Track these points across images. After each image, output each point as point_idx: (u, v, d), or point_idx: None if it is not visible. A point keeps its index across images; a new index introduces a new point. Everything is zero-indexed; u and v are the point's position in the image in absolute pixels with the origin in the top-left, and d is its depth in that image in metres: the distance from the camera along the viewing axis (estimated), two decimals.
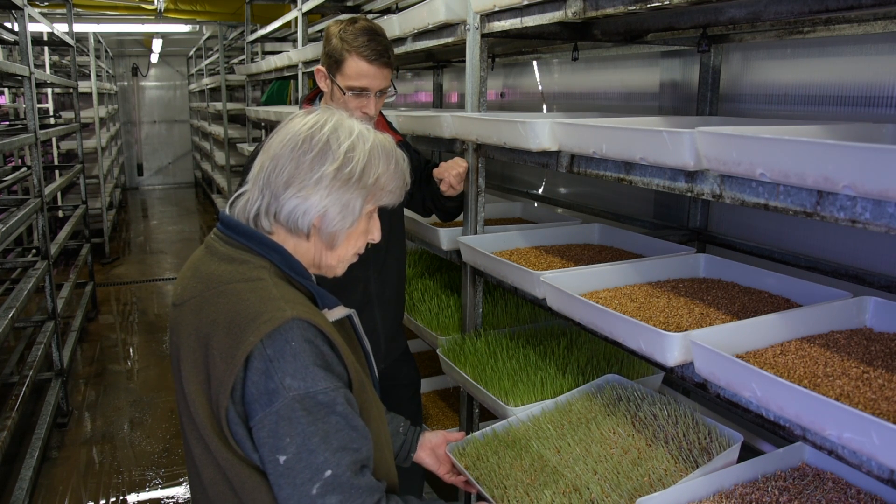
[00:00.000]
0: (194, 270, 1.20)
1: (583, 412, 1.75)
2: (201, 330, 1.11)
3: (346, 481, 1.06)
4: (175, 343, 1.17)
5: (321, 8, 4.04)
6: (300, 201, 1.14)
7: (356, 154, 1.15)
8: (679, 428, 1.60)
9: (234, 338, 1.06)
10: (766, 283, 1.73)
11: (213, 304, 1.11)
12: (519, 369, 1.97)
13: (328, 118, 1.18)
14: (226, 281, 1.13)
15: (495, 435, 1.68)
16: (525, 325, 2.36)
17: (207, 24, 9.11)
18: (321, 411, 1.05)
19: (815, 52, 1.99)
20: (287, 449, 1.04)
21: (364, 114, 1.93)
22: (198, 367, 1.10)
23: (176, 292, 1.21)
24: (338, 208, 1.16)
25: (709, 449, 1.56)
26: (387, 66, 1.91)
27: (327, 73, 1.94)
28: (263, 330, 1.05)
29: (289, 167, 1.14)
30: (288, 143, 1.15)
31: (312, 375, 1.06)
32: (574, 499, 1.42)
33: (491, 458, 1.59)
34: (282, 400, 1.04)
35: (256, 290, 1.11)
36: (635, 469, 1.50)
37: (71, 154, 8.30)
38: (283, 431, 1.04)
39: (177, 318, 1.18)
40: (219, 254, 1.18)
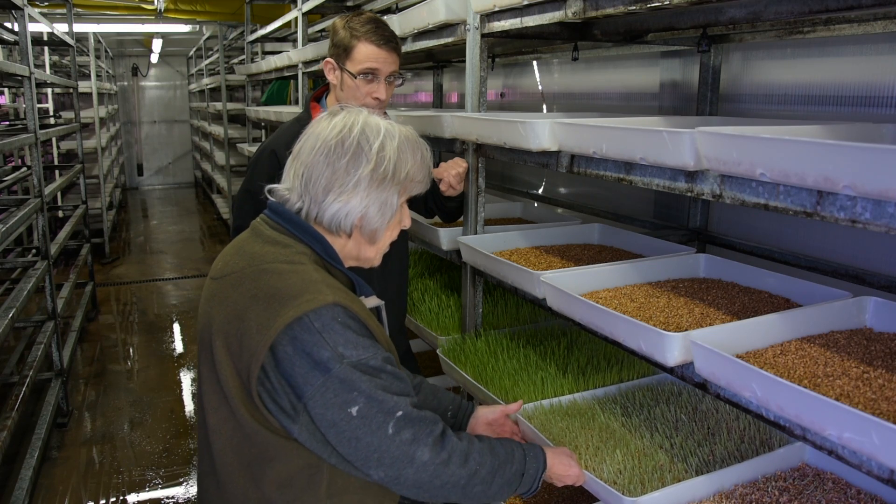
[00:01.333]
0: (238, 249, 1.26)
1: (645, 399, 1.85)
2: (239, 303, 1.16)
3: (415, 416, 1.15)
4: (207, 313, 1.22)
5: (321, 8, 4.04)
6: (341, 205, 1.20)
7: (387, 152, 1.21)
8: (741, 421, 1.71)
9: (272, 311, 1.12)
10: (766, 283, 1.73)
11: (253, 280, 1.17)
12: (519, 369, 1.97)
13: (354, 119, 1.23)
14: (269, 260, 1.19)
15: (560, 406, 1.79)
16: (525, 326, 2.36)
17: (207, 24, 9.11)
18: (375, 371, 1.14)
19: (815, 52, 1.99)
20: (357, 401, 1.11)
21: (375, 99, 1.96)
22: (230, 338, 1.15)
23: (216, 267, 1.27)
24: (377, 206, 1.23)
25: (769, 443, 1.64)
26: (395, 52, 1.96)
27: (336, 63, 1.98)
28: (304, 308, 1.11)
29: (326, 173, 1.19)
30: (320, 149, 1.20)
31: (363, 345, 1.14)
32: (644, 461, 1.53)
33: (560, 422, 1.70)
34: (339, 366, 1.11)
35: (298, 273, 1.17)
36: (700, 448, 1.59)
37: (71, 154, 8.29)
38: (349, 389, 1.11)
39: (214, 290, 1.23)
40: (264, 236, 1.24)
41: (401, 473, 1.14)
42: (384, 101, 1.99)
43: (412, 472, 1.14)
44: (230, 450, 1.18)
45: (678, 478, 1.50)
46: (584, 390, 1.91)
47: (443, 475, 1.16)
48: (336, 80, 2.00)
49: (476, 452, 1.22)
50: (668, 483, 1.47)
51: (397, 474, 1.14)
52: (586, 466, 1.55)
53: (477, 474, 1.20)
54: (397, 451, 1.13)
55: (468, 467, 1.19)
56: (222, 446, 1.19)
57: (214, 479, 1.23)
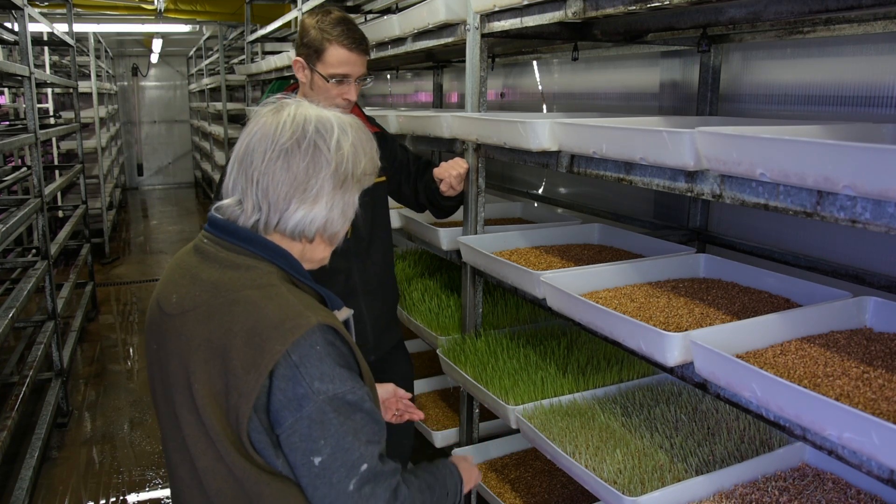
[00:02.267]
0: (192, 277, 1.15)
1: (645, 399, 1.86)
2: (213, 340, 1.07)
3: (378, 471, 1.09)
4: (177, 354, 1.12)
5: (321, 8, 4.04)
6: (305, 212, 1.12)
7: (344, 150, 1.13)
8: (741, 421, 1.71)
9: (256, 347, 1.04)
10: (766, 283, 1.73)
11: (225, 313, 1.08)
12: (519, 369, 1.97)
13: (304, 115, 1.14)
14: (236, 289, 1.10)
15: (560, 406, 1.81)
16: (525, 326, 2.36)
17: (207, 24, 9.11)
18: (349, 410, 1.07)
19: (815, 52, 1.99)
20: (322, 450, 1.05)
21: (345, 100, 1.97)
22: (213, 378, 1.07)
23: (169, 301, 1.15)
24: (340, 210, 1.16)
25: (768, 443, 1.64)
26: (365, 54, 1.98)
27: (306, 63, 1.96)
28: (290, 339, 1.04)
29: (285, 179, 1.10)
30: (275, 153, 1.11)
31: (339, 376, 1.07)
32: (644, 461, 1.54)
33: (560, 422, 1.72)
34: (312, 404, 1.04)
35: (273, 298, 1.08)
36: (700, 448, 1.59)
37: (71, 154, 8.29)
38: (317, 434, 1.05)
39: (175, 328, 1.12)
40: (218, 259, 1.14)
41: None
42: (353, 100, 2.01)
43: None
44: (229, 490, 1.10)
45: (678, 478, 1.50)
46: (585, 390, 1.91)
47: None
48: (305, 79, 1.99)
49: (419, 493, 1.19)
50: (668, 483, 1.47)
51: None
52: (586, 466, 1.55)
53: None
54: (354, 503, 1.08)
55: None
56: (220, 486, 1.11)
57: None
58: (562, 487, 2.04)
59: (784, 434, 1.60)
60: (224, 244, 1.15)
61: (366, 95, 6.13)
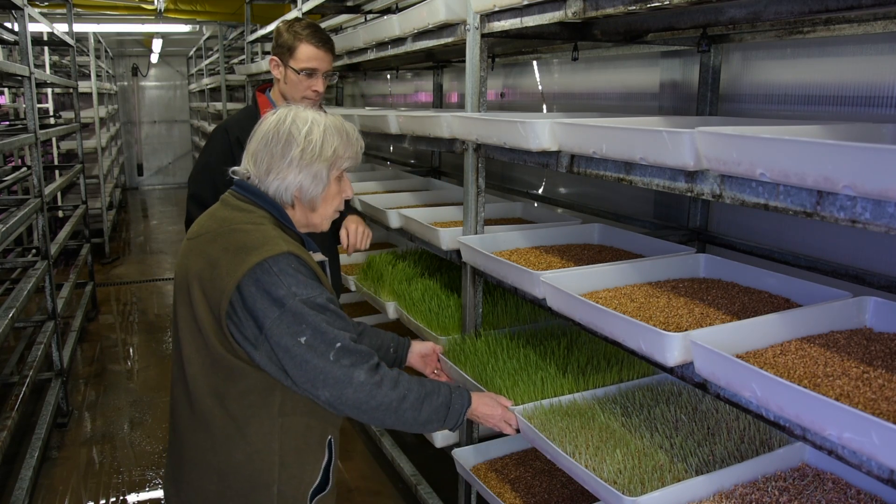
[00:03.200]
0: (211, 215, 1.53)
1: (645, 399, 1.87)
2: (212, 254, 1.42)
3: (352, 348, 1.39)
4: (184, 265, 1.47)
5: (321, 8, 4.04)
6: (280, 181, 1.46)
7: (314, 136, 1.45)
8: (741, 421, 1.71)
9: (238, 259, 1.38)
10: (766, 283, 1.73)
11: (224, 237, 1.43)
12: (519, 369, 1.97)
13: (287, 113, 1.48)
14: (237, 222, 1.45)
15: (560, 406, 1.82)
16: (525, 325, 2.36)
17: (207, 24, 9.10)
18: (320, 308, 1.39)
19: (815, 52, 1.99)
20: (305, 332, 1.35)
21: (314, 91, 2.29)
22: (205, 281, 1.40)
23: (193, 230, 1.53)
24: (309, 180, 1.47)
25: (768, 443, 1.64)
26: (331, 52, 2.30)
27: (280, 60, 2.29)
28: (264, 254, 1.37)
29: (266, 157, 1.46)
30: (261, 141, 1.47)
31: (311, 286, 1.39)
32: (644, 461, 1.55)
33: (560, 422, 1.73)
34: (292, 301, 1.35)
35: (260, 230, 1.43)
36: (700, 448, 1.59)
37: (71, 154, 8.29)
38: (299, 320, 1.35)
39: (191, 247, 1.48)
40: (231, 204, 1.50)
41: (342, 393, 1.37)
42: (321, 93, 2.31)
43: (351, 391, 1.37)
44: (201, 375, 1.42)
45: (678, 478, 1.50)
46: (584, 390, 1.91)
47: (377, 395, 1.39)
48: (280, 75, 2.31)
49: (405, 381, 1.46)
50: (668, 483, 1.47)
51: (339, 394, 1.37)
52: (586, 466, 1.55)
53: (406, 399, 1.44)
54: (339, 373, 1.36)
55: (398, 391, 1.42)
56: (194, 372, 1.43)
57: (187, 402, 1.46)
58: (562, 487, 2.04)
59: (784, 434, 1.60)
60: (238, 195, 1.51)
61: (366, 95, 6.13)
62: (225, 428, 1.42)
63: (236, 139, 2.24)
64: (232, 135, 2.28)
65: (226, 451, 1.43)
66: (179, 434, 1.51)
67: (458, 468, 2.16)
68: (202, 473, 1.46)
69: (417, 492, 2.78)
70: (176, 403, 1.52)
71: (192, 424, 1.46)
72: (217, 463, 1.44)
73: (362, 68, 4.35)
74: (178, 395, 1.50)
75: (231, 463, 1.43)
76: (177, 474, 1.52)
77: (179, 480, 1.51)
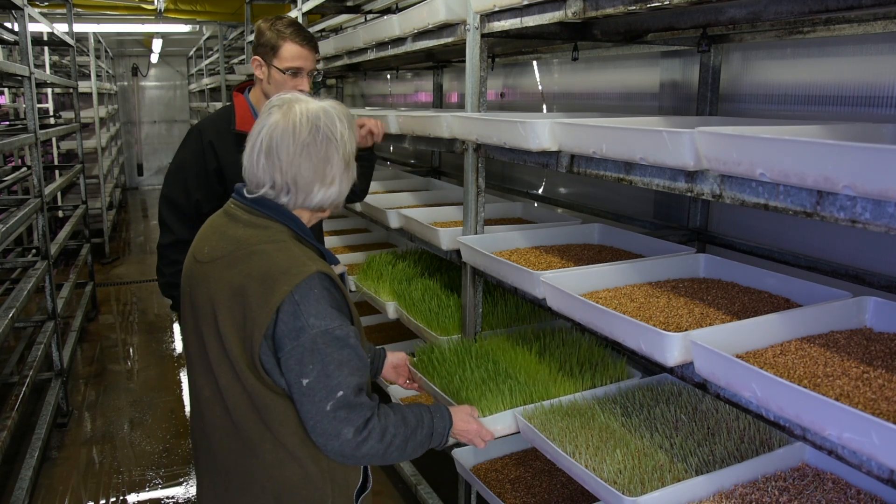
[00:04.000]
0: (220, 234, 1.43)
1: (645, 399, 1.86)
2: (235, 282, 1.34)
3: (353, 401, 1.33)
4: (206, 293, 1.39)
5: (321, 8, 4.04)
6: (325, 192, 1.39)
7: (345, 136, 1.39)
8: (741, 421, 1.71)
9: (268, 288, 1.31)
10: (766, 283, 1.73)
11: (245, 262, 1.35)
12: (487, 378, 1.92)
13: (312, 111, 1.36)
14: (255, 242, 1.37)
15: (561, 406, 1.81)
16: (510, 328, 2.35)
17: (207, 24, 9.09)
18: (337, 343, 1.32)
19: (815, 52, 1.99)
20: (310, 374, 1.30)
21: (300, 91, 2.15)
22: (234, 311, 1.33)
23: (202, 251, 1.43)
24: (347, 184, 1.42)
25: (768, 443, 1.64)
26: (315, 50, 2.25)
27: (263, 60, 2.21)
28: (294, 281, 1.30)
29: (307, 166, 1.35)
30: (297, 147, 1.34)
31: (330, 315, 1.33)
32: (644, 461, 1.54)
33: (560, 422, 1.72)
34: (307, 335, 1.30)
35: (283, 251, 1.35)
36: (700, 448, 1.59)
37: (71, 154, 8.29)
38: (308, 360, 1.30)
39: (205, 272, 1.40)
40: (241, 220, 1.41)
41: (328, 443, 1.34)
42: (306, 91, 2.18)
43: (337, 444, 1.34)
44: (243, 404, 1.37)
45: (678, 478, 1.50)
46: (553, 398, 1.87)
47: (363, 448, 1.35)
48: (263, 75, 2.23)
49: (392, 427, 1.40)
50: (668, 483, 1.47)
51: (325, 443, 1.34)
52: (586, 466, 1.55)
53: (392, 444, 1.40)
54: (328, 425, 1.32)
55: (384, 441, 1.38)
56: (235, 402, 1.37)
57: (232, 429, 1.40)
58: (562, 487, 2.04)
59: (784, 434, 1.60)
60: (247, 209, 1.42)
61: (366, 95, 6.13)
62: (276, 454, 1.39)
63: (209, 142, 2.21)
64: (205, 137, 2.22)
65: (280, 476, 1.40)
66: (220, 460, 1.45)
67: (458, 468, 2.16)
68: (257, 497, 1.42)
69: (417, 492, 2.78)
70: (213, 430, 1.45)
71: (239, 451, 1.42)
72: (272, 487, 1.41)
73: (362, 68, 4.35)
74: (217, 423, 1.43)
75: (286, 486, 1.41)
76: (224, 498, 1.47)
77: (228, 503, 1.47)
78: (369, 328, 3.63)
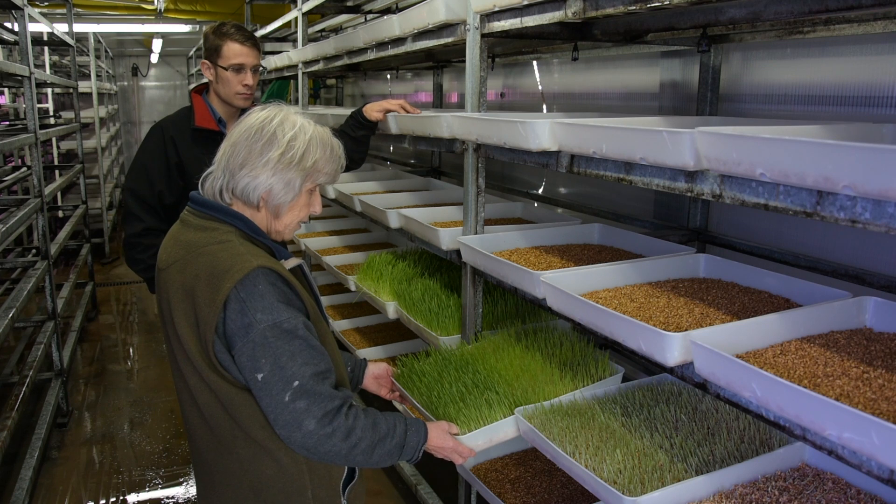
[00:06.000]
0: (175, 240, 1.48)
1: (645, 399, 1.86)
2: (186, 284, 1.38)
3: (311, 388, 1.34)
4: (165, 299, 1.44)
5: (321, 8, 4.04)
6: (251, 179, 1.41)
7: (297, 143, 1.42)
8: (741, 421, 1.71)
9: (213, 287, 1.34)
10: (766, 283, 1.73)
11: (193, 264, 1.39)
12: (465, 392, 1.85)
13: (277, 113, 1.45)
14: (202, 245, 1.41)
15: (561, 406, 1.81)
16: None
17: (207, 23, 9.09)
18: (286, 336, 1.33)
19: (815, 52, 1.99)
20: (263, 368, 1.32)
21: (245, 86, 2.41)
22: (187, 313, 1.37)
23: (161, 259, 1.49)
24: (281, 185, 1.42)
25: (769, 443, 1.64)
26: (255, 47, 2.43)
27: (210, 62, 2.42)
28: (236, 277, 1.33)
29: (243, 152, 1.41)
30: (244, 132, 1.43)
31: (277, 309, 1.34)
32: (644, 461, 1.54)
33: (560, 422, 1.71)
34: (255, 330, 1.32)
35: (227, 250, 1.38)
36: (700, 448, 1.59)
37: (71, 154, 8.29)
38: (259, 354, 1.32)
39: (164, 279, 1.45)
40: (192, 225, 1.46)
41: (290, 435, 1.34)
42: (252, 86, 2.43)
43: (299, 436, 1.34)
44: (213, 403, 1.40)
45: (678, 478, 1.50)
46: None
47: (326, 445, 1.35)
48: (212, 76, 2.43)
49: (359, 428, 1.40)
50: (668, 483, 1.47)
51: (288, 435, 1.34)
52: (586, 466, 1.55)
53: (357, 447, 1.39)
54: (289, 416, 1.33)
55: (349, 441, 1.38)
56: (205, 401, 1.41)
57: (206, 428, 1.44)
58: (562, 487, 2.04)
59: (784, 434, 1.60)
60: (198, 213, 1.47)
61: (366, 95, 6.13)
62: (249, 449, 1.42)
63: (171, 137, 2.41)
64: (167, 133, 2.42)
65: (256, 470, 1.43)
66: (203, 457, 1.50)
67: (458, 468, 2.16)
68: (236, 492, 1.46)
69: (417, 492, 2.78)
70: (194, 429, 1.49)
71: (216, 448, 1.45)
72: (249, 481, 1.44)
73: (362, 68, 4.35)
74: (195, 422, 1.47)
75: (263, 479, 1.43)
76: (210, 495, 1.51)
77: (214, 501, 1.51)
78: (369, 328, 3.63)
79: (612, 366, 2.02)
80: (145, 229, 2.39)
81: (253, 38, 2.42)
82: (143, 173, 2.41)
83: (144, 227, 2.39)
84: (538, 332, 2.21)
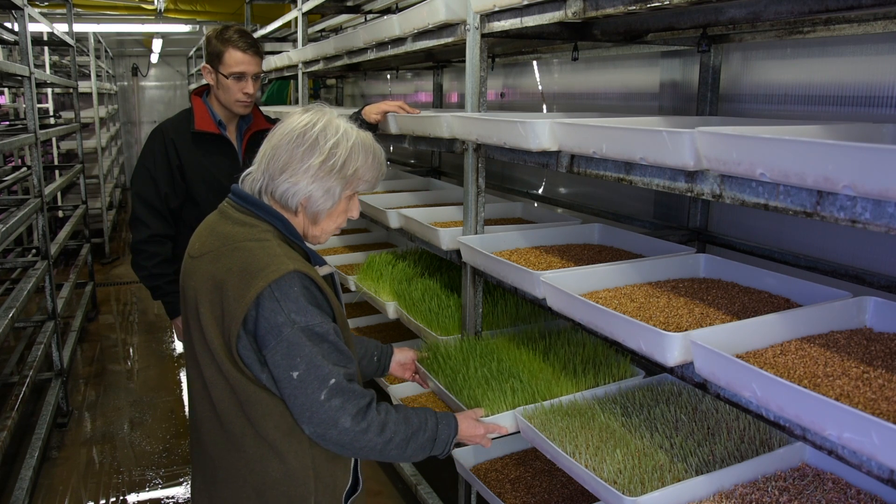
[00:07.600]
0: (211, 230, 1.47)
1: (645, 399, 1.86)
2: (217, 276, 1.38)
3: (345, 387, 1.36)
4: (192, 287, 1.44)
5: (321, 8, 4.04)
6: (290, 185, 1.40)
7: (339, 150, 1.41)
8: (741, 421, 1.71)
9: (245, 283, 1.34)
10: (766, 283, 1.73)
11: (228, 257, 1.39)
12: (490, 377, 1.92)
13: (320, 118, 1.43)
14: (239, 239, 1.40)
15: (561, 406, 1.81)
16: (516, 327, 2.35)
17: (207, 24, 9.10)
18: (318, 339, 1.35)
19: (815, 52, 1.99)
20: (298, 366, 1.33)
21: (245, 94, 2.40)
22: (213, 305, 1.37)
23: (194, 247, 1.48)
24: (320, 193, 1.42)
25: (769, 443, 1.64)
26: (258, 55, 2.41)
27: (211, 67, 2.40)
28: (271, 277, 1.33)
29: (284, 156, 1.40)
30: (286, 136, 1.41)
31: (311, 312, 1.35)
32: (644, 461, 1.54)
33: (560, 422, 1.72)
34: (290, 330, 1.32)
35: (264, 248, 1.38)
36: (700, 448, 1.59)
37: (71, 154, 8.28)
38: (294, 353, 1.33)
39: (194, 266, 1.45)
40: (232, 218, 1.45)
41: (326, 433, 1.36)
42: (253, 94, 2.42)
43: (335, 433, 1.36)
44: (227, 398, 1.40)
45: (678, 478, 1.50)
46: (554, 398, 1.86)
47: (361, 440, 1.38)
48: (213, 81, 2.42)
49: (392, 423, 1.42)
50: (668, 483, 1.47)
51: (323, 433, 1.36)
52: (586, 466, 1.55)
53: (392, 441, 1.42)
54: (325, 414, 1.34)
55: (384, 436, 1.40)
56: (219, 395, 1.40)
57: (217, 423, 1.44)
58: (562, 487, 2.04)
59: (784, 434, 1.60)
60: (238, 207, 1.46)
61: (366, 95, 6.13)
62: (258, 448, 1.41)
63: (171, 140, 2.41)
64: (167, 136, 2.42)
65: (262, 470, 1.42)
66: (209, 452, 1.48)
67: (459, 468, 2.16)
68: (238, 491, 1.45)
69: (417, 492, 2.78)
70: (202, 423, 1.48)
71: (223, 444, 1.44)
72: (253, 481, 1.43)
73: (362, 68, 4.35)
74: (205, 415, 1.46)
75: (268, 481, 1.42)
76: (211, 490, 1.50)
77: (214, 497, 1.50)
78: (369, 328, 3.63)
79: (632, 368, 2.04)
80: (151, 236, 2.40)
81: (255, 45, 2.39)
82: (148, 177, 2.41)
83: (150, 234, 2.40)
84: (560, 332, 2.23)
